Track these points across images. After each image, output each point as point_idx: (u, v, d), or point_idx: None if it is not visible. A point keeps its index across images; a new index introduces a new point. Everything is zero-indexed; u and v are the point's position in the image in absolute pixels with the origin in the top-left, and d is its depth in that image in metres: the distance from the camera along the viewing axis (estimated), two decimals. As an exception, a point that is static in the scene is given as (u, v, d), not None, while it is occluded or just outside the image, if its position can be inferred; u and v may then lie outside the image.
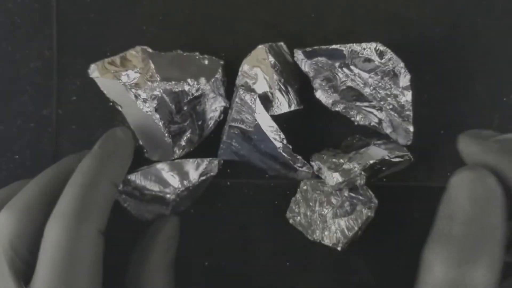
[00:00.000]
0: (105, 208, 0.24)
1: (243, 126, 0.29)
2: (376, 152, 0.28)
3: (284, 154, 0.28)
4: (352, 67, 0.28)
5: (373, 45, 0.27)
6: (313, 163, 0.29)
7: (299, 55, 0.28)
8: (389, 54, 0.27)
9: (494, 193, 0.20)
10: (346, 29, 0.31)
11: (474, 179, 0.21)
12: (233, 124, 0.29)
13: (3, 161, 0.31)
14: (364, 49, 0.27)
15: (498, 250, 0.20)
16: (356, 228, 0.28)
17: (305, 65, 0.28)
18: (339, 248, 0.28)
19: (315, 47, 0.28)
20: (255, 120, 0.28)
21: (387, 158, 0.28)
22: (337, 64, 0.28)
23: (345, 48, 0.28)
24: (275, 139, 0.28)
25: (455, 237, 0.20)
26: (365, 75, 0.27)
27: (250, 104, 0.28)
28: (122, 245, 0.27)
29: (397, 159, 0.28)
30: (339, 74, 0.28)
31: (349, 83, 0.28)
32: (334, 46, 0.28)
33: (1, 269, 0.23)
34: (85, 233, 0.23)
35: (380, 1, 0.31)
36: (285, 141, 0.28)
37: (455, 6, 0.31)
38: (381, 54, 0.27)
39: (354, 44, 0.28)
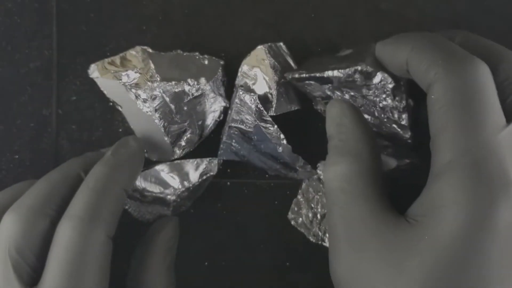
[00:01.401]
0: (115, 214, 0.25)
1: (242, 127, 0.29)
2: (386, 163, 0.27)
3: (284, 154, 0.28)
4: (343, 89, 0.27)
5: (358, 68, 0.25)
6: (320, 172, 0.29)
7: (289, 79, 0.28)
8: (379, 75, 0.25)
9: (345, 109, 0.24)
10: (346, 29, 0.31)
11: (331, 105, 0.25)
12: (232, 124, 0.29)
13: (3, 161, 0.31)
14: (349, 74, 0.25)
15: (356, 147, 0.23)
16: None
17: (298, 86, 0.28)
18: None
19: (302, 73, 0.27)
20: (255, 120, 0.28)
21: (397, 166, 0.27)
22: (327, 87, 0.27)
23: (330, 74, 0.26)
24: (275, 139, 0.28)
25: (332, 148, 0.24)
26: (358, 97, 0.27)
27: (250, 104, 0.28)
28: (123, 246, 0.26)
29: (407, 166, 0.27)
30: (333, 95, 0.28)
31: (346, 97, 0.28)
32: (317, 74, 0.26)
33: (6, 272, 0.23)
34: (96, 237, 0.23)
35: (380, 1, 0.31)
36: (285, 141, 0.28)
37: (455, 6, 0.31)
38: (368, 76, 0.25)
39: (335, 71, 0.26)
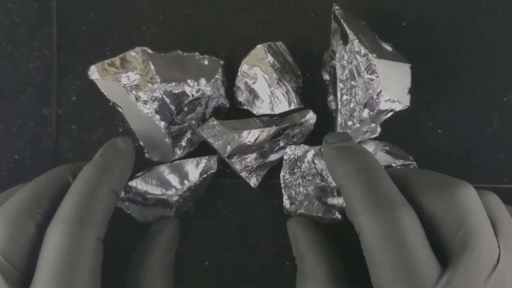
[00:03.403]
0: (105, 216, 0.24)
1: None
2: (382, 159, 0.27)
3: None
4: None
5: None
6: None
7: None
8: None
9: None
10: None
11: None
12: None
13: (3, 161, 0.31)
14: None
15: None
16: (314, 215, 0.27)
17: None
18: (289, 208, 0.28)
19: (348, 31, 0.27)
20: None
21: (393, 165, 0.27)
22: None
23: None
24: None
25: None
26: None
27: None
28: (123, 246, 0.27)
29: (402, 167, 0.28)
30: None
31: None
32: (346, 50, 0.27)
33: None
34: (85, 240, 0.23)
35: (380, 1, 0.31)
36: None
37: (455, 6, 0.31)
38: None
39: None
